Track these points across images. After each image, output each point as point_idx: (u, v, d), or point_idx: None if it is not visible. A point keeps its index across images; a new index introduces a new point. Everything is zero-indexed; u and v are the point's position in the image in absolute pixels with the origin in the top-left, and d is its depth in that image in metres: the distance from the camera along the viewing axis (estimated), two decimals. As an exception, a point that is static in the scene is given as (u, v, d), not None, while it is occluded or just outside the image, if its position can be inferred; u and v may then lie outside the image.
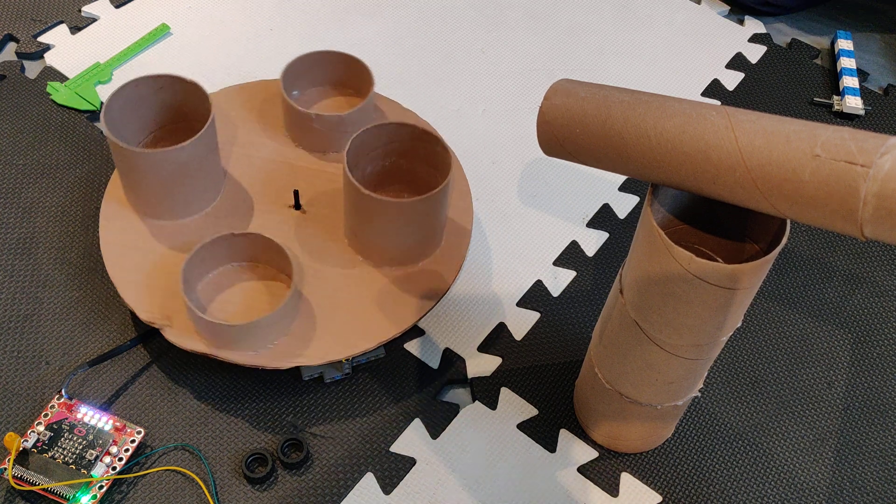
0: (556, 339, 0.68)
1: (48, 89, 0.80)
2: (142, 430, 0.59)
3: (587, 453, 0.63)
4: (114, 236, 0.65)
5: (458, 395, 0.65)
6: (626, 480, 0.62)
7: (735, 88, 0.88)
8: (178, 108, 0.68)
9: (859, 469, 0.64)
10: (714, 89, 0.88)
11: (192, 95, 0.67)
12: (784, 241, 0.45)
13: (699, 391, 0.58)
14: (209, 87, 0.82)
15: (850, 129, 0.40)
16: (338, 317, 0.62)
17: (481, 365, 0.66)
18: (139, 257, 0.64)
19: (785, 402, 0.66)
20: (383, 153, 0.67)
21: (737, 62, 0.91)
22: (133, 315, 0.66)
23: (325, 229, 0.67)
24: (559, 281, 0.72)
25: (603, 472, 0.62)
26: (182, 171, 0.63)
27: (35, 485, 0.56)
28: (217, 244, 0.62)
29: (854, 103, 0.86)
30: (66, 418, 0.59)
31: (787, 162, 0.40)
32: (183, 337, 0.60)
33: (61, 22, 0.86)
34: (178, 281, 0.62)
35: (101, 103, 0.79)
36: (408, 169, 0.68)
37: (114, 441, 0.58)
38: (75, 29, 0.86)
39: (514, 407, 0.64)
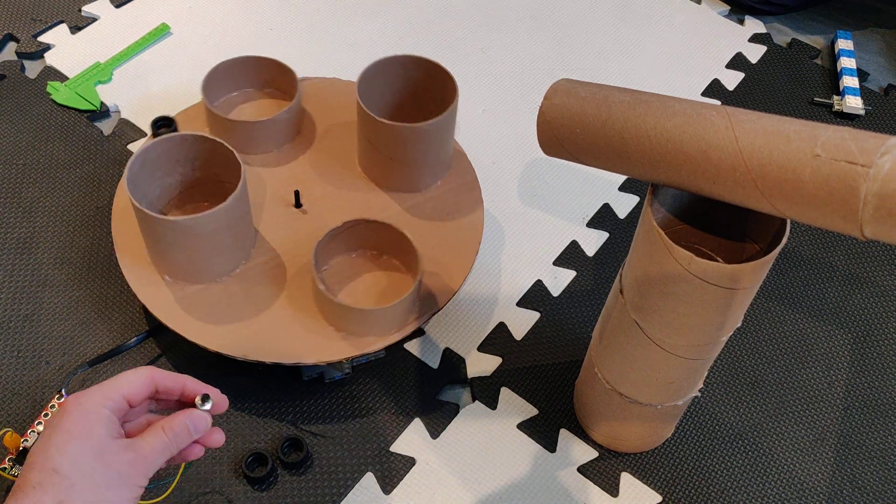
0: (556, 339, 0.68)
1: (48, 89, 0.80)
2: (142, 429, 0.59)
3: (587, 453, 0.63)
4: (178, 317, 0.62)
5: (458, 395, 0.65)
6: (626, 480, 0.62)
7: (735, 88, 0.88)
8: (202, 164, 0.65)
9: (859, 469, 0.64)
10: (714, 89, 0.88)
11: (216, 151, 0.63)
12: (784, 241, 0.45)
13: (699, 391, 0.58)
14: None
15: (851, 129, 0.40)
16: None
17: (481, 365, 0.66)
18: (221, 323, 0.62)
19: (785, 402, 0.66)
20: (391, 88, 0.70)
21: (737, 62, 0.91)
22: (139, 313, 0.66)
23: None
24: (559, 281, 0.72)
25: (603, 472, 0.62)
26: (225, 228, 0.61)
27: (35, 485, 0.56)
28: (339, 234, 0.63)
29: (854, 103, 0.86)
30: (66, 418, 0.59)
31: (788, 162, 0.40)
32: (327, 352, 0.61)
33: (61, 22, 0.86)
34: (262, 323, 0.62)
35: (102, 103, 0.79)
36: (413, 103, 0.71)
37: (114, 441, 0.58)
38: (75, 29, 0.86)
39: (514, 407, 0.64)
